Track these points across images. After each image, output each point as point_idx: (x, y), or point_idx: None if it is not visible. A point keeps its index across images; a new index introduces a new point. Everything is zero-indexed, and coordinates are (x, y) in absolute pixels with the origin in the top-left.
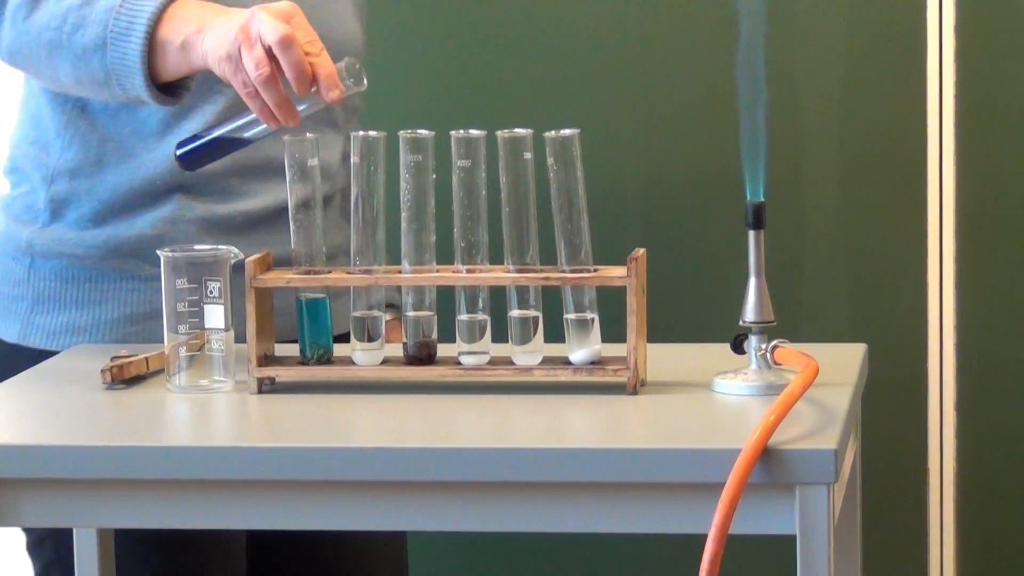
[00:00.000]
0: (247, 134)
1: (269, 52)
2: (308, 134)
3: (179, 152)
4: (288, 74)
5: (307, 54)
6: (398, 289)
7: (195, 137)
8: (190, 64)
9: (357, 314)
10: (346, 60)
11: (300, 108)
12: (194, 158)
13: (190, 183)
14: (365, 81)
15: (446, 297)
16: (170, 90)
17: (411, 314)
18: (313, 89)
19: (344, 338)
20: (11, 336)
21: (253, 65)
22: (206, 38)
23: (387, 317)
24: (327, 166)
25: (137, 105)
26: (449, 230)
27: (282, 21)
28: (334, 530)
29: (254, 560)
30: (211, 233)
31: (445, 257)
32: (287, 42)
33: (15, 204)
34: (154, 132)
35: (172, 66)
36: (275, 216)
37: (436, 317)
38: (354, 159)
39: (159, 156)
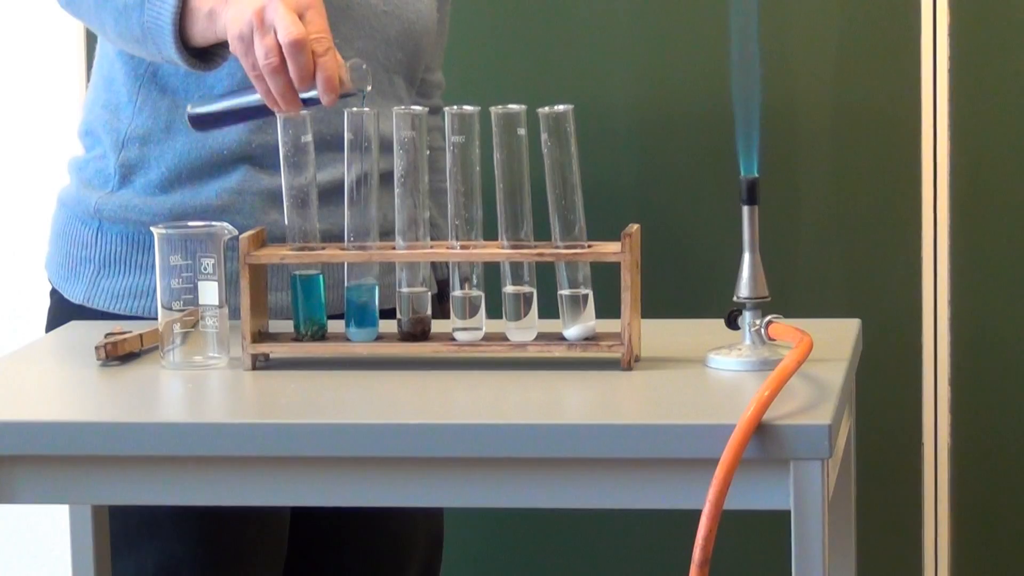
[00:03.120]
0: (259, 105)
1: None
2: (366, 108)
3: (192, 111)
4: (292, 74)
5: (313, 52)
6: (443, 266)
7: (212, 99)
8: (215, 33)
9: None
10: (351, 62)
11: (306, 97)
12: (205, 120)
13: (258, 154)
14: (369, 85)
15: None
16: (206, 56)
17: (405, 290)
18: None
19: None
20: (77, 297)
21: (263, 53)
22: (228, 12)
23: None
24: (388, 140)
25: (200, 72)
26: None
27: (298, 11)
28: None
29: (296, 526)
30: (276, 206)
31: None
32: (296, 46)
33: (87, 168)
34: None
35: (200, 33)
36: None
37: (430, 294)
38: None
39: None
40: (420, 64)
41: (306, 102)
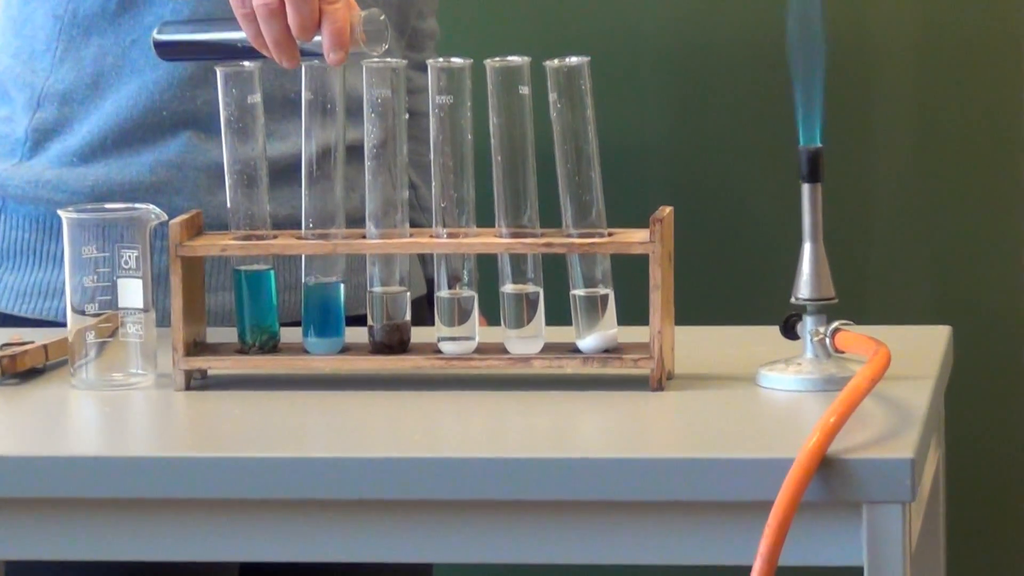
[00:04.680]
0: (242, 44)
1: None
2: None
3: (158, 36)
4: (291, 21)
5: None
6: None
7: (185, 25)
8: None
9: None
10: (367, 13)
11: (306, 48)
12: (173, 49)
13: (207, 116)
14: (385, 44)
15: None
16: None
17: (378, 290)
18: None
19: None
20: None
21: None
22: None
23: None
24: (358, 101)
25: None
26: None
27: None
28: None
29: None
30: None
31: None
32: None
33: None
34: None
35: None
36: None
37: (408, 294)
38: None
39: (168, 77)
40: (412, 9)
41: (305, 54)
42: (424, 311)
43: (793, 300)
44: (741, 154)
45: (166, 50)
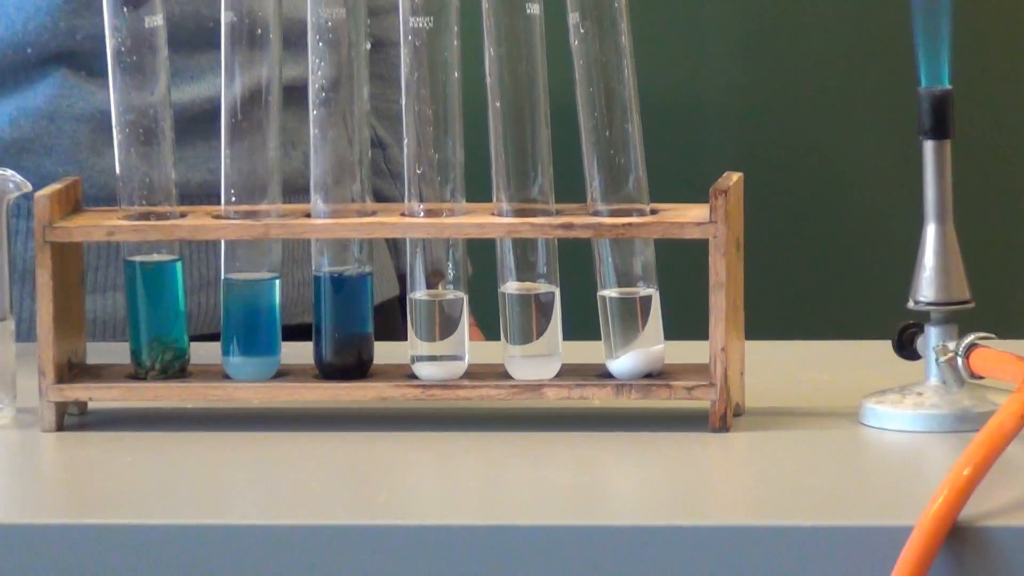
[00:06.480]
0: None
1: None
2: None
3: None
4: None
5: None
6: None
7: None
8: None
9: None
10: None
11: None
12: None
13: (88, 52)
14: None
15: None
16: None
17: None
18: None
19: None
20: None
21: None
22: None
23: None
24: (300, 27)
25: None
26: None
27: None
28: None
29: None
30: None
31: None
32: None
33: None
34: None
35: None
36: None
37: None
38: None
39: (34, 1)
40: None
41: None
42: (394, 319)
43: (911, 305)
44: (835, 100)
45: None
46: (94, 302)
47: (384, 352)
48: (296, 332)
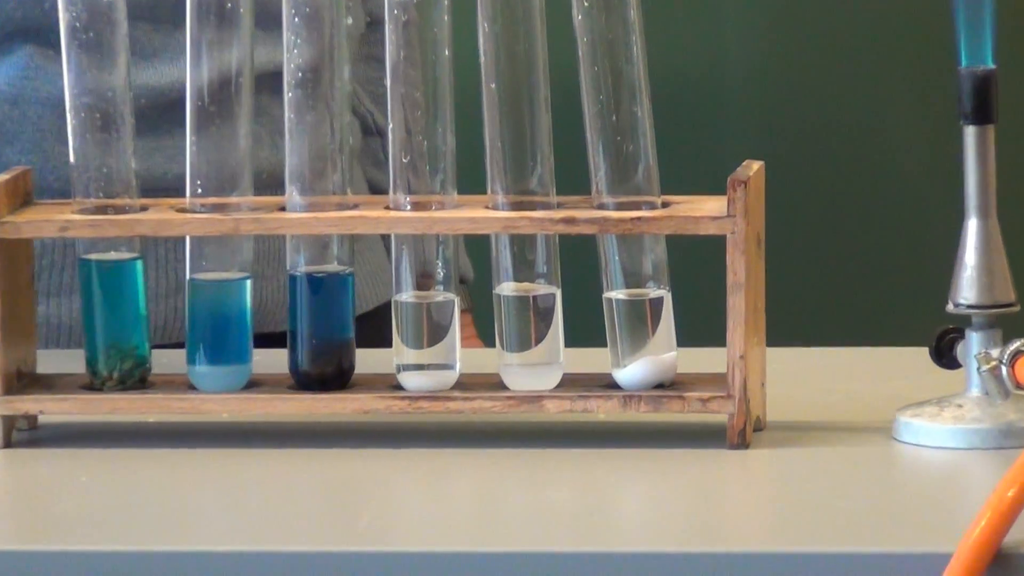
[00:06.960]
0: None
1: None
2: None
3: None
4: None
5: None
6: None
7: None
8: None
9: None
10: None
11: None
12: None
13: (54, 26)
14: None
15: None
16: None
17: None
18: None
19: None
20: None
21: None
22: None
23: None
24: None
25: None
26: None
27: None
28: None
29: None
30: None
31: None
32: None
33: None
34: None
35: None
36: None
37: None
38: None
39: None
40: None
41: None
42: (379, 324)
43: (950, 308)
44: (864, 86)
45: None
46: (46, 305)
47: (367, 360)
48: (269, 340)
